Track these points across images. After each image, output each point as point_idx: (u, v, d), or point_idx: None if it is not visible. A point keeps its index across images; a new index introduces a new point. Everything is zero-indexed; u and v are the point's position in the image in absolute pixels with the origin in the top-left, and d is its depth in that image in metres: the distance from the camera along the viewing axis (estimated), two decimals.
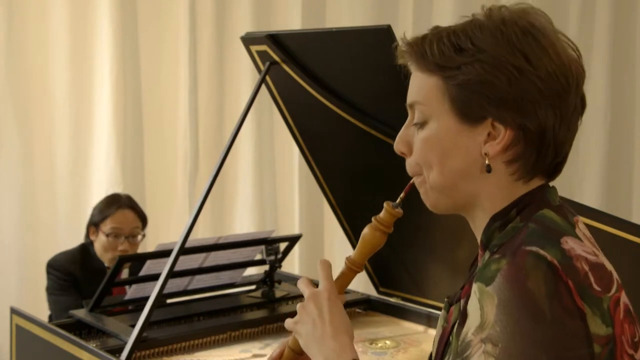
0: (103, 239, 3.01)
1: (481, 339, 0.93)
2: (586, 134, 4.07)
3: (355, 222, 2.52)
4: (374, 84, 2.13)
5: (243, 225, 4.05)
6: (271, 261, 2.61)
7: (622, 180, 4.35)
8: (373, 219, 1.20)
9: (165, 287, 2.05)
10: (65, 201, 3.72)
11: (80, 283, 2.95)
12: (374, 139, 2.17)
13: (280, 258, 2.64)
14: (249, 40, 2.31)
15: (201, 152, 3.97)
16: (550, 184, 1.11)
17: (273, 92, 2.39)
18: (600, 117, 4.10)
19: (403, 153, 1.12)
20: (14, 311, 2.37)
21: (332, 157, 2.47)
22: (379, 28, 1.93)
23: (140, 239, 3.10)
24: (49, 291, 2.99)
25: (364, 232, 1.20)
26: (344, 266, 1.23)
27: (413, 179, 1.13)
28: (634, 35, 4.12)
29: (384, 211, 1.19)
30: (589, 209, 1.78)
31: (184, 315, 2.42)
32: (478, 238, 1.09)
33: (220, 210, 4.05)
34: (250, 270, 2.76)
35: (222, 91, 4.04)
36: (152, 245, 3.11)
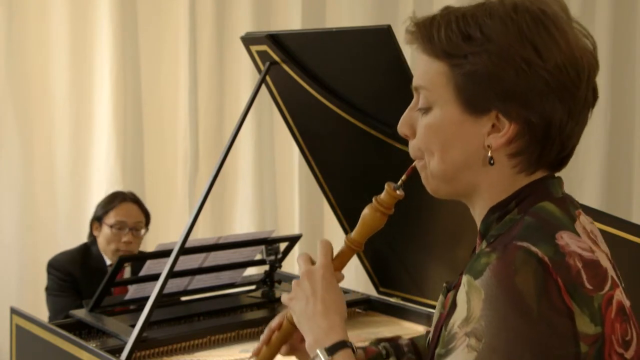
0: (107, 231, 3.02)
1: (466, 332, 0.93)
2: (586, 134, 4.00)
3: (355, 222, 2.50)
4: (374, 84, 2.13)
5: (243, 225, 4.05)
6: (271, 261, 2.61)
7: (622, 180, 4.35)
8: (374, 199, 1.19)
9: (166, 287, 2.05)
10: (65, 201, 3.72)
11: (79, 283, 2.95)
12: (374, 139, 2.17)
13: (280, 258, 2.64)
14: (249, 40, 2.31)
15: (201, 152, 3.97)
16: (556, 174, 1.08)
17: (273, 92, 2.39)
18: (600, 117, 4.10)
19: (406, 135, 1.10)
20: (14, 311, 2.37)
21: (332, 157, 2.47)
22: (379, 28, 1.93)
23: (143, 233, 3.11)
24: (48, 291, 2.99)
25: (364, 212, 1.20)
26: (343, 244, 1.23)
27: (415, 162, 1.11)
28: (634, 35, 4.12)
29: (384, 192, 1.18)
30: (589, 209, 1.78)
31: (184, 315, 2.42)
32: (477, 225, 1.08)
33: (220, 210, 4.05)
34: (250, 270, 2.76)
35: (222, 91, 4.04)
36: (152, 246, 3.11)
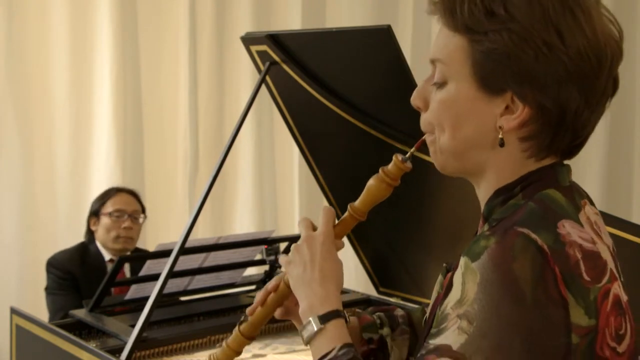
0: (106, 220, 3.04)
1: (458, 314, 0.92)
2: None
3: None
4: (374, 84, 2.13)
5: (243, 225, 4.05)
6: (271, 261, 2.61)
7: (622, 180, 4.36)
8: (380, 169, 1.17)
9: (166, 287, 2.05)
10: (65, 201, 3.72)
11: (79, 281, 2.96)
12: (374, 139, 2.17)
13: None
14: (249, 40, 2.31)
15: (201, 152, 3.98)
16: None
17: (273, 92, 2.39)
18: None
19: (419, 107, 1.09)
20: (14, 311, 2.37)
21: (332, 157, 2.47)
22: (379, 28, 1.93)
23: (142, 221, 3.14)
24: (47, 290, 3.00)
25: (369, 182, 1.18)
26: (346, 213, 1.22)
27: (425, 136, 1.10)
28: (634, 35, 4.12)
29: (392, 163, 1.17)
30: None
31: (184, 315, 2.42)
32: (482, 205, 1.07)
33: (220, 210, 4.05)
34: (250, 271, 2.76)
35: (222, 91, 4.04)
36: (152, 245, 3.11)
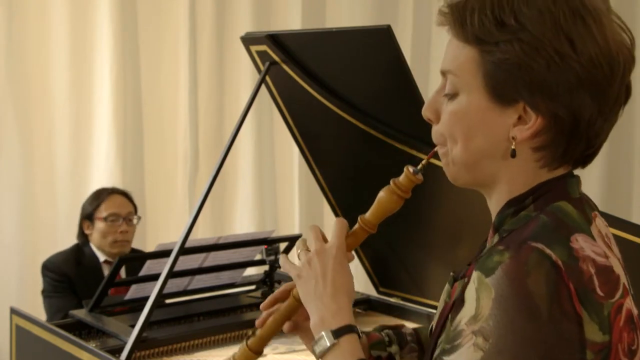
0: (101, 225, 3.02)
1: (473, 330, 0.91)
2: None
3: (355, 222, 2.51)
4: (374, 84, 2.13)
5: (243, 225, 4.05)
6: (271, 261, 2.61)
7: (622, 180, 4.35)
8: (391, 181, 1.17)
9: (165, 287, 2.05)
10: (65, 201, 3.72)
11: (75, 283, 2.95)
12: (374, 139, 2.17)
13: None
14: (248, 40, 2.31)
15: (201, 152, 3.97)
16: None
17: (273, 92, 2.39)
18: None
19: (430, 119, 1.08)
20: (14, 311, 2.37)
21: (332, 157, 2.47)
22: (379, 28, 1.93)
23: (136, 222, 3.12)
24: (44, 294, 2.99)
25: (380, 194, 1.18)
26: (357, 225, 1.21)
27: (437, 147, 1.09)
28: (634, 35, 4.12)
29: (403, 175, 1.16)
30: None
31: (183, 316, 2.42)
32: (492, 216, 1.06)
33: (220, 210, 4.05)
34: (250, 271, 2.76)
35: (222, 91, 4.04)
36: (152, 245, 3.11)
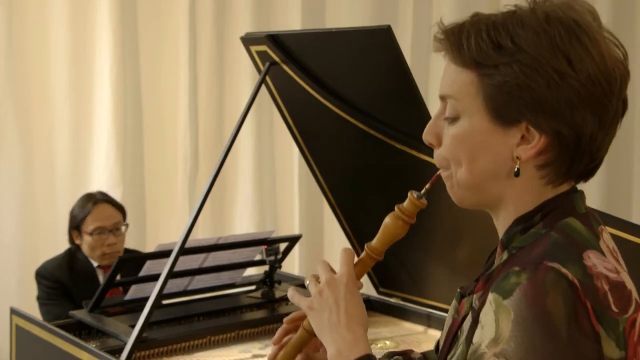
0: (88, 239, 2.98)
1: (494, 353, 0.92)
2: None
3: (355, 223, 2.51)
4: (374, 84, 2.13)
5: (243, 225, 4.04)
6: (271, 261, 2.61)
7: (622, 180, 4.35)
8: (396, 207, 1.17)
9: (165, 288, 2.05)
10: (65, 201, 3.71)
11: (69, 289, 2.94)
12: (374, 139, 2.17)
13: (280, 258, 2.64)
14: (248, 40, 2.31)
15: (201, 152, 3.97)
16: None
17: (273, 93, 2.39)
18: None
19: (431, 144, 1.08)
20: (14, 312, 2.37)
21: (332, 157, 2.47)
22: (379, 28, 1.93)
23: (124, 229, 3.07)
24: (39, 301, 2.98)
25: (386, 221, 1.18)
26: (363, 253, 1.21)
27: (440, 171, 1.10)
28: (634, 35, 4.12)
29: (407, 201, 1.17)
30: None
31: (183, 316, 2.42)
32: (500, 234, 1.07)
33: (220, 210, 4.05)
34: (250, 271, 2.76)
35: (222, 91, 4.04)
36: (152, 246, 3.11)
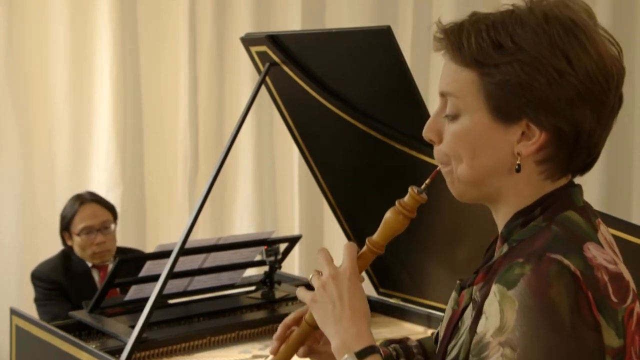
0: (77, 239, 2.99)
1: (500, 342, 0.94)
2: None
3: (355, 223, 2.51)
4: (374, 85, 2.13)
5: (243, 225, 4.04)
6: (271, 262, 2.61)
7: (622, 180, 4.35)
8: (397, 202, 1.19)
9: (165, 288, 2.05)
10: (65, 201, 3.71)
11: (66, 289, 2.94)
12: (374, 139, 2.17)
13: (280, 259, 2.64)
14: (248, 41, 2.30)
15: (201, 152, 3.97)
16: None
17: (273, 93, 2.39)
18: None
19: (432, 140, 1.10)
20: (14, 312, 2.37)
21: (332, 158, 2.47)
22: (379, 29, 1.93)
23: (114, 228, 3.07)
24: (37, 302, 2.98)
25: (386, 215, 1.20)
26: (365, 247, 1.23)
27: (439, 167, 1.12)
28: (634, 35, 4.12)
29: (408, 196, 1.19)
30: None
31: (183, 316, 2.42)
32: (499, 228, 1.09)
33: (220, 210, 4.05)
34: (250, 271, 2.76)
35: (222, 91, 4.03)
36: (152, 246, 3.11)
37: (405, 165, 2.11)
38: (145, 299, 2.05)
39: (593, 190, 4.25)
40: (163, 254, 2.35)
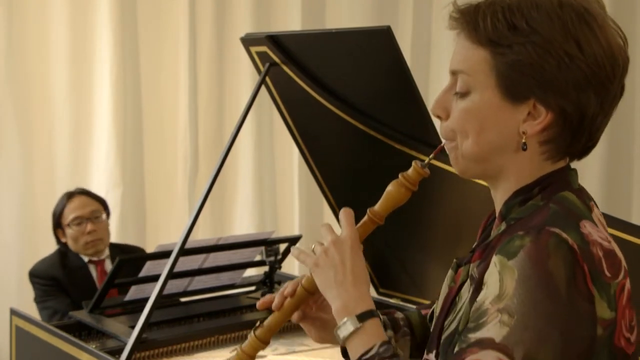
0: (69, 231, 3.02)
1: (498, 308, 0.98)
2: None
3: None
4: (374, 85, 2.13)
5: (243, 225, 4.04)
6: (271, 262, 2.61)
7: (622, 180, 4.35)
8: (400, 175, 1.23)
9: (165, 288, 2.05)
10: None
11: (64, 284, 2.95)
12: (374, 139, 2.17)
13: (280, 259, 2.64)
14: (248, 41, 2.30)
15: (201, 152, 3.97)
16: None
17: (273, 93, 2.39)
18: None
19: (439, 117, 1.14)
20: (14, 312, 2.37)
21: (332, 158, 2.47)
22: (379, 29, 1.93)
23: (105, 218, 3.08)
24: (36, 300, 2.99)
25: (388, 188, 1.23)
26: (365, 217, 1.26)
27: (444, 143, 1.15)
28: (634, 35, 4.12)
29: (411, 169, 1.22)
30: None
31: (183, 316, 2.42)
32: (497, 206, 1.13)
33: (220, 210, 4.05)
34: (250, 271, 2.76)
35: (222, 91, 4.04)
36: (152, 246, 3.11)
37: (405, 165, 2.10)
38: (145, 299, 2.05)
39: (593, 191, 4.24)
40: (163, 254, 2.35)
